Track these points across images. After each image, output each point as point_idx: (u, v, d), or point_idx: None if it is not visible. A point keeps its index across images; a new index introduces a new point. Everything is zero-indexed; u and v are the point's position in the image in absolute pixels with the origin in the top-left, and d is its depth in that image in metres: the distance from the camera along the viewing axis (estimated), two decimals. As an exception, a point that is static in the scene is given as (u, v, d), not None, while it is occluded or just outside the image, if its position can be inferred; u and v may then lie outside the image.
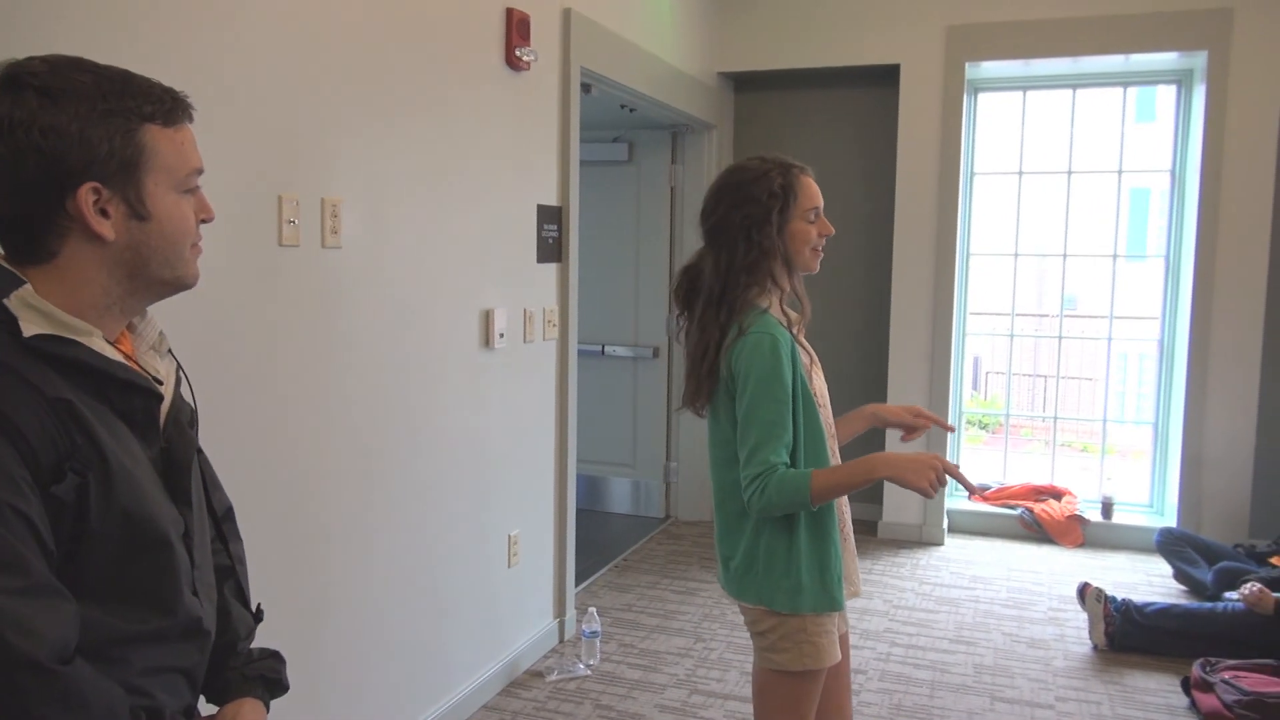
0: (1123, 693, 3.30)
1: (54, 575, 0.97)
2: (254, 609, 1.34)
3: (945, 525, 5.04)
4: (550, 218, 3.50)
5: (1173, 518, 4.74)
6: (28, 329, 0.99)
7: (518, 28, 3.14)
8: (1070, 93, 5.09)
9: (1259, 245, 4.51)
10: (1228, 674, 3.14)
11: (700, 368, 1.89)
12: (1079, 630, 3.80)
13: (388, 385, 2.66)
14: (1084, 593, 3.74)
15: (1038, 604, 4.13)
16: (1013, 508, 5.12)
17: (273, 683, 1.29)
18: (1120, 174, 5.11)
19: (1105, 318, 5.31)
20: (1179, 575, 4.31)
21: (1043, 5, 4.64)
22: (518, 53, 3.14)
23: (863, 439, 2.16)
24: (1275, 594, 3.45)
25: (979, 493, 4.41)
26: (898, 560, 4.71)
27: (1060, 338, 5.54)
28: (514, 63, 3.15)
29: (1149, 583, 4.39)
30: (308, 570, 2.40)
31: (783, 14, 5.01)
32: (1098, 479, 5.27)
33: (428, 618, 2.88)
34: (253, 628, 1.32)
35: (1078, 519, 4.96)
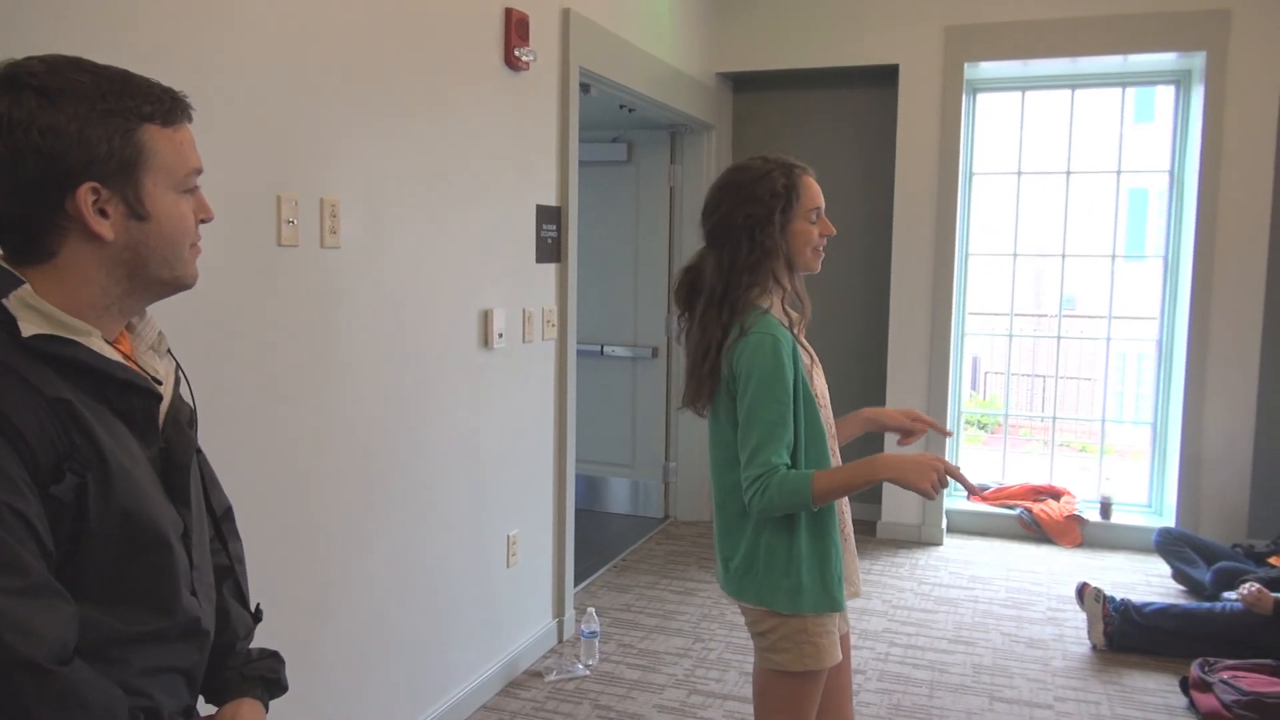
0: (1121, 693, 3.30)
1: (53, 576, 0.96)
2: (253, 609, 1.34)
3: (944, 525, 5.04)
4: (549, 218, 3.50)
5: (1171, 518, 4.75)
6: (27, 329, 0.99)
7: (517, 28, 3.14)
8: (1069, 93, 5.09)
9: (1257, 245, 4.52)
10: (1226, 674, 3.14)
11: (701, 367, 1.88)
12: (1078, 630, 3.80)
13: (387, 385, 2.66)
14: (1083, 593, 3.74)
15: (1036, 604, 4.13)
16: (1011, 508, 5.12)
17: (272, 683, 1.29)
18: (1119, 174, 5.12)
19: (1104, 318, 5.31)
20: (1177, 575, 4.31)
21: (1041, 6, 4.65)
22: (517, 53, 3.14)
23: (861, 440, 2.16)
24: (1274, 594, 3.45)
25: (978, 493, 4.41)
26: (896, 560, 4.71)
27: (1059, 338, 5.55)
28: (513, 63, 3.15)
29: (1147, 583, 4.39)
30: (307, 570, 2.40)
31: (781, 14, 5.02)
32: (1096, 479, 5.28)
33: (426, 618, 2.88)
34: (251, 628, 1.32)
35: (1076, 519, 4.97)
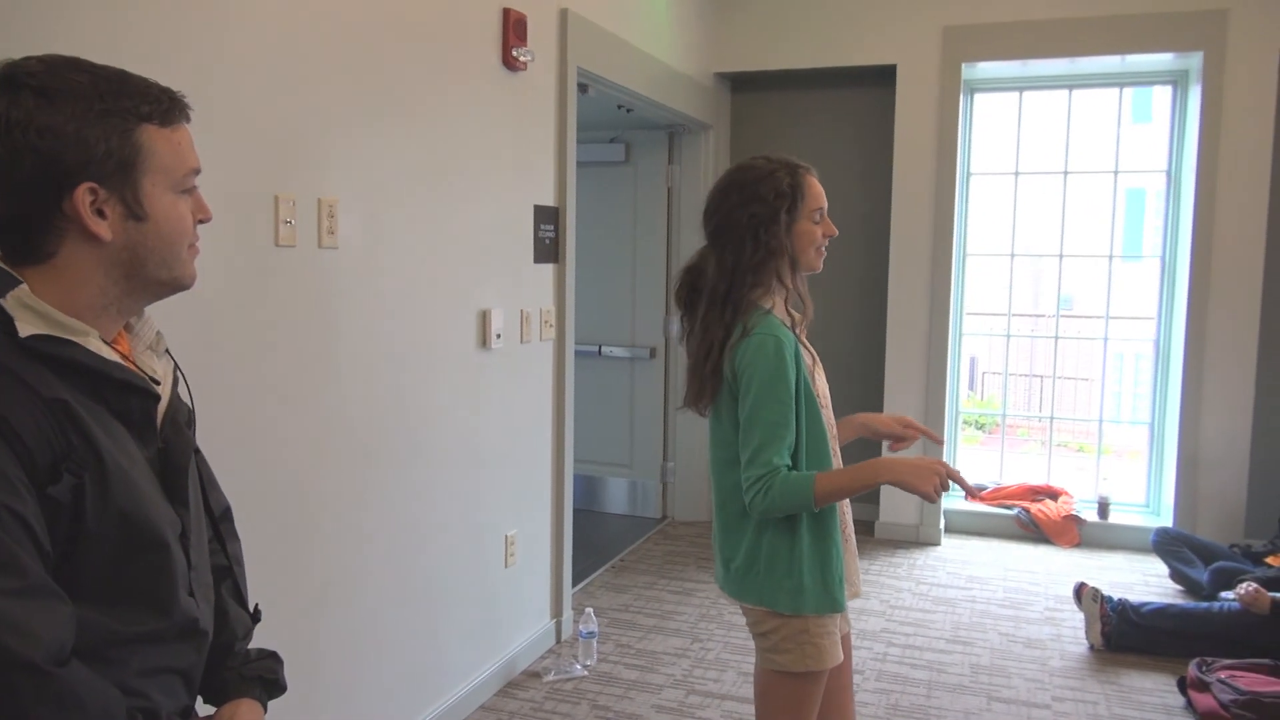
0: (1119, 692, 3.31)
1: (50, 576, 0.96)
2: (252, 609, 1.33)
3: (942, 525, 5.05)
4: (547, 218, 3.49)
5: (1169, 517, 4.75)
6: (24, 329, 0.99)
7: (514, 28, 3.14)
8: (1066, 93, 5.10)
9: (1254, 245, 4.52)
10: (1224, 673, 3.14)
11: (704, 367, 1.88)
12: (1075, 630, 3.80)
13: (385, 385, 2.66)
14: (1080, 593, 3.74)
15: (1034, 604, 4.13)
16: (1009, 508, 5.12)
17: (270, 683, 1.29)
18: (1116, 174, 5.12)
19: (1101, 318, 5.31)
20: (1175, 575, 4.32)
21: (1039, 6, 4.65)
22: (514, 53, 3.14)
23: (856, 444, 2.15)
24: (1271, 594, 3.46)
25: (977, 495, 4.43)
26: (895, 560, 4.71)
27: (1056, 338, 5.55)
28: (511, 63, 3.15)
29: (1145, 582, 4.40)
30: (305, 571, 2.39)
31: (779, 14, 5.02)
32: (1094, 479, 5.28)
33: (424, 618, 2.88)
34: (250, 628, 1.31)
35: (1074, 519, 4.97)
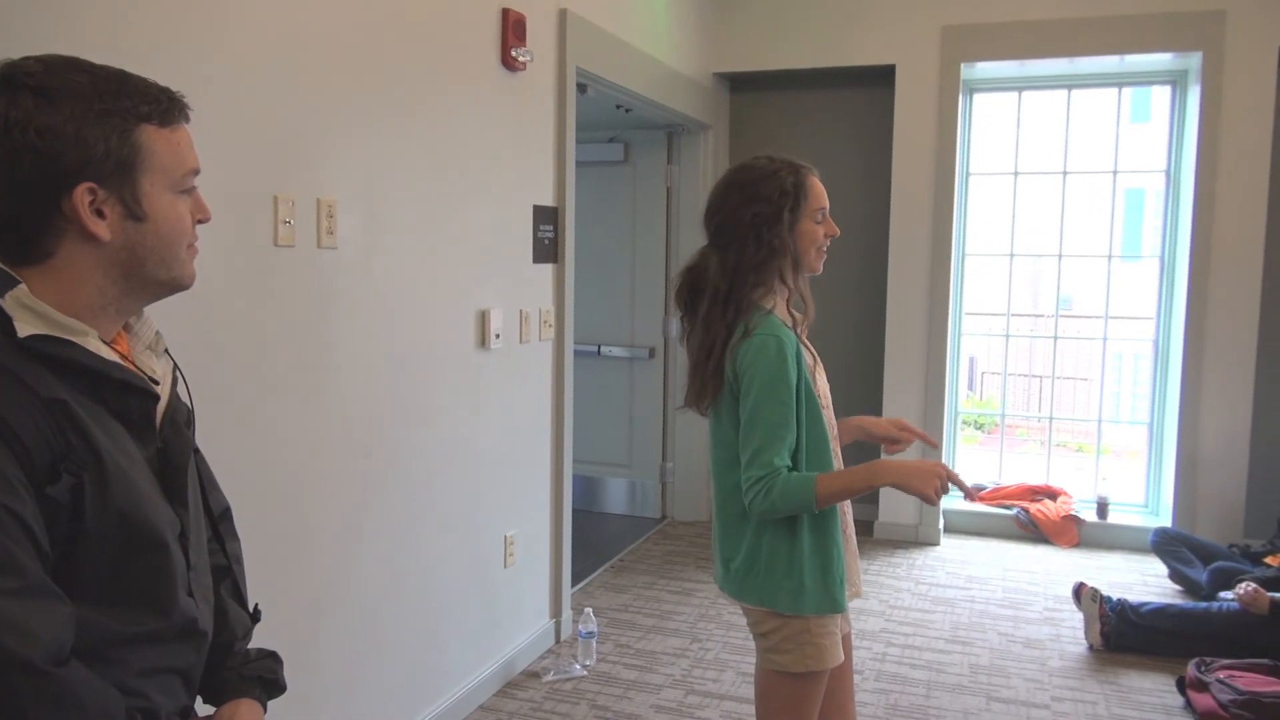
0: (1118, 692, 3.31)
1: (49, 577, 0.96)
2: (251, 609, 1.33)
3: (941, 525, 5.05)
4: (546, 218, 3.49)
5: (1168, 518, 4.75)
6: (23, 329, 0.99)
7: (513, 28, 3.14)
8: (1065, 93, 5.10)
9: (1253, 245, 4.53)
10: (1223, 673, 3.15)
11: (705, 367, 1.88)
12: (1074, 630, 3.80)
13: (384, 385, 2.66)
14: (1079, 593, 3.74)
15: (1033, 604, 4.13)
16: (1008, 508, 5.12)
17: (270, 683, 1.29)
18: (1115, 174, 5.13)
19: (1100, 318, 5.31)
20: (1174, 575, 4.32)
21: (1038, 6, 4.65)
22: (513, 53, 3.14)
23: (851, 447, 2.14)
24: (1270, 594, 3.46)
25: (975, 495, 4.42)
26: (894, 560, 4.71)
27: (1055, 338, 5.55)
28: (510, 63, 3.15)
29: (1144, 582, 4.40)
30: (304, 571, 2.39)
31: (778, 14, 5.02)
32: (1093, 479, 5.28)
33: (424, 618, 2.88)
34: (250, 628, 1.31)
35: (1073, 519, 4.97)
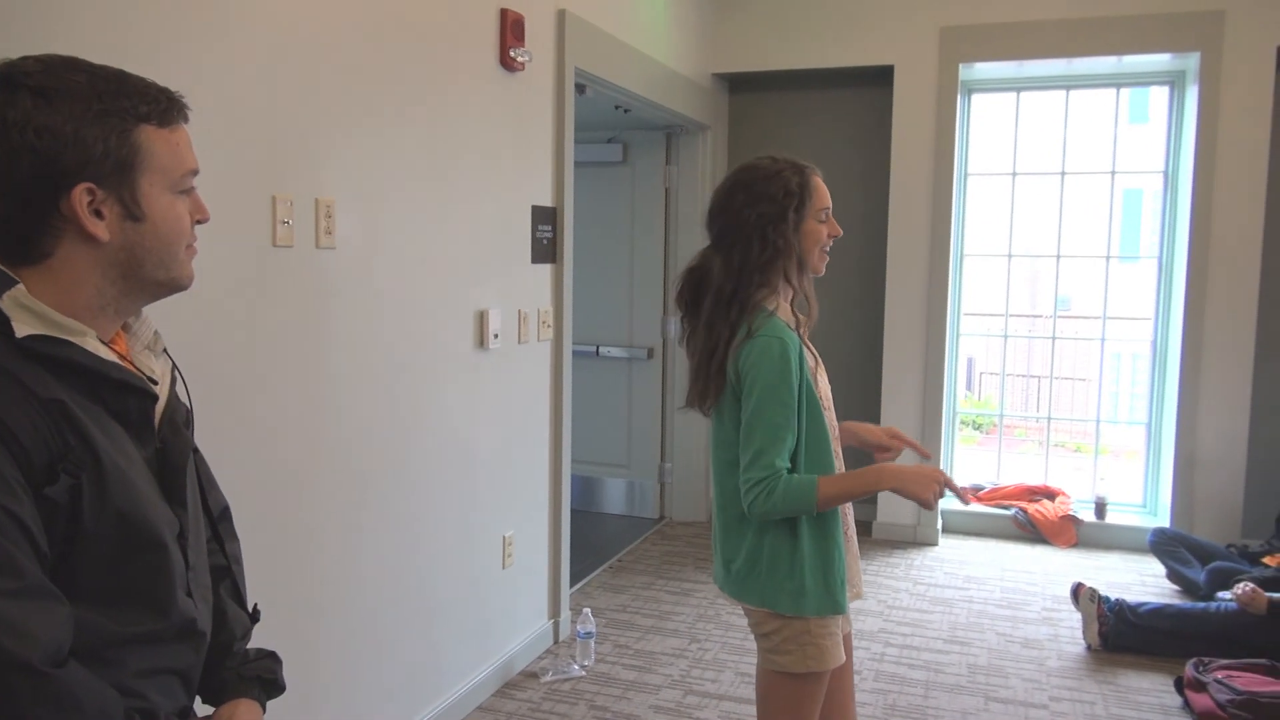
0: (1116, 693, 3.31)
1: (47, 577, 0.96)
2: (250, 609, 1.33)
3: (939, 525, 5.05)
4: (545, 218, 3.49)
5: (1166, 518, 4.76)
6: (20, 329, 0.99)
7: (512, 28, 3.14)
8: (1063, 94, 5.10)
9: (1251, 246, 4.53)
10: (1221, 674, 3.15)
11: (709, 367, 1.87)
12: (1073, 630, 3.81)
13: (382, 385, 2.66)
14: (1077, 593, 3.74)
15: (1032, 604, 4.13)
16: (1007, 508, 5.13)
17: (269, 683, 1.29)
18: (1113, 175, 5.13)
19: (1098, 318, 5.32)
20: (1172, 575, 4.32)
21: (1036, 7, 4.66)
22: (512, 53, 3.14)
23: (847, 451, 2.14)
24: (1268, 594, 3.46)
25: (972, 496, 4.43)
26: (892, 561, 4.71)
27: (1054, 338, 5.56)
28: (508, 63, 3.15)
29: (1142, 583, 4.40)
30: (302, 571, 2.39)
31: (777, 15, 5.02)
32: (1091, 479, 5.29)
33: (422, 618, 2.88)
34: (249, 628, 1.31)
35: (1071, 519, 4.98)
